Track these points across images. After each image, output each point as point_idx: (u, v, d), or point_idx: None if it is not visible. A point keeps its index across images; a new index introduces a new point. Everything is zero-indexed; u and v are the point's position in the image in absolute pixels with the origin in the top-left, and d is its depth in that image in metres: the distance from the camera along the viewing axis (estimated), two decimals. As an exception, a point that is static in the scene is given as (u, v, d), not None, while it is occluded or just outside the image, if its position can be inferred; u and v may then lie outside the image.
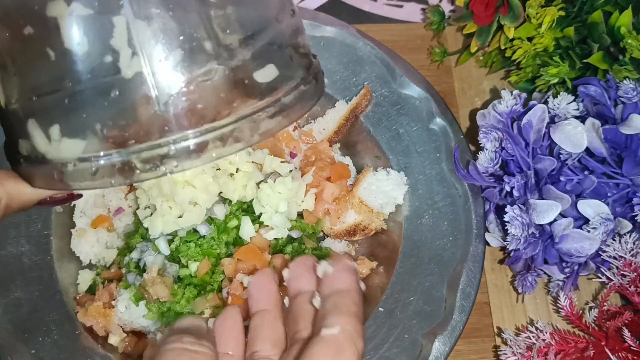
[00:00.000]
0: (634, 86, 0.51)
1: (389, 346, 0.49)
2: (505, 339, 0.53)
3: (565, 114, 0.52)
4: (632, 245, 0.50)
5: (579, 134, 0.49)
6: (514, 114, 0.53)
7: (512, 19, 0.57)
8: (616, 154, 0.51)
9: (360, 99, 0.57)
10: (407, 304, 0.50)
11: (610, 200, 0.50)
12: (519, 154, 0.52)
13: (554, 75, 0.56)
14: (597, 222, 0.49)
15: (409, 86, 0.58)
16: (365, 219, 0.54)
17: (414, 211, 0.55)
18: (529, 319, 0.56)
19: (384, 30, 0.68)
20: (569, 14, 0.56)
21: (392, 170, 0.56)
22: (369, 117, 0.58)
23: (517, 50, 0.58)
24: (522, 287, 0.54)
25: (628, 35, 0.51)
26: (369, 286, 0.54)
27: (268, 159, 0.53)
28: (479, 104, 0.65)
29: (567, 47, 0.56)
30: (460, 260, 0.52)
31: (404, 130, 0.57)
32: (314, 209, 0.54)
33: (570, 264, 0.51)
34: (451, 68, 0.67)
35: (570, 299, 0.52)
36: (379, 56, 0.58)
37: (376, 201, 0.55)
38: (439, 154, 0.56)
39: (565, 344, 0.51)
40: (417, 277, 0.52)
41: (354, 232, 0.55)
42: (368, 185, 0.55)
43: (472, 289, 0.51)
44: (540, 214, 0.49)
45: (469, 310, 0.50)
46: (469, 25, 0.62)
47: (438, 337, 0.49)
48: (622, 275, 0.50)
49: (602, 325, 0.51)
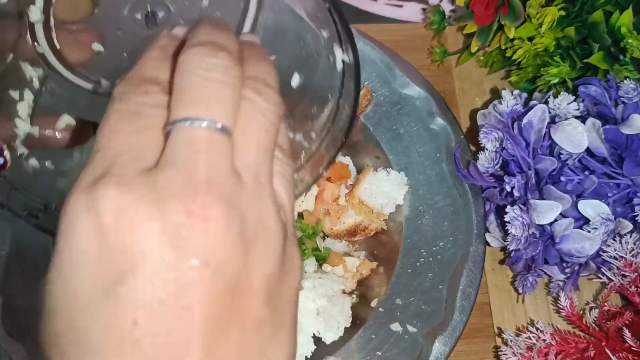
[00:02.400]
0: (634, 86, 0.50)
1: (389, 347, 0.49)
2: (506, 340, 0.53)
3: (565, 114, 0.52)
4: (632, 245, 0.50)
5: (579, 134, 0.49)
6: (514, 114, 0.53)
7: (512, 18, 0.57)
8: (617, 154, 0.51)
9: (360, 99, 0.57)
10: (407, 305, 0.50)
11: (611, 200, 0.50)
12: (519, 154, 0.51)
13: (555, 75, 0.56)
14: (597, 223, 0.49)
15: (409, 86, 0.58)
16: (366, 219, 0.54)
17: (414, 211, 0.54)
18: (529, 320, 0.56)
19: (384, 30, 0.68)
20: (570, 14, 0.56)
21: (392, 170, 0.55)
22: (369, 117, 0.58)
23: (517, 50, 0.57)
24: (522, 287, 0.53)
25: (629, 35, 0.51)
26: (369, 286, 0.54)
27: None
28: (480, 104, 0.65)
29: (567, 47, 0.56)
30: (460, 261, 0.52)
31: (404, 130, 0.57)
32: (314, 209, 0.54)
33: (571, 265, 0.51)
34: (451, 68, 0.67)
35: (571, 300, 0.52)
36: (379, 56, 0.58)
37: (376, 201, 0.54)
38: (440, 154, 0.56)
39: (566, 344, 0.51)
40: (417, 277, 0.52)
41: (354, 233, 0.55)
42: (368, 185, 0.55)
43: (472, 289, 0.51)
44: (540, 214, 0.49)
45: (469, 310, 0.50)
46: (470, 25, 0.62)
47: (438, 337, 0.49)
48: (622, 275, 0.50)
49: (603, 325, 0.51)
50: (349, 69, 0.34)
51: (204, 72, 0.24)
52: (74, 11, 0.37)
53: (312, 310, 0.49)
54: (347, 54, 0.34)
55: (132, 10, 0.37)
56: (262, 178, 0.25)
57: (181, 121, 0.24)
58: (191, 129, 0.23)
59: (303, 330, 0.49)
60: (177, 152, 0.23)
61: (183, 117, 0.24)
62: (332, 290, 0.51)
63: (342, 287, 0.53)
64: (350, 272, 0.54)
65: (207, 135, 0.23)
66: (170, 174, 0.23)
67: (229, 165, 0.24)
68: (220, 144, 0.24)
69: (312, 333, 0.49)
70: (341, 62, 0.34)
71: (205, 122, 0.23)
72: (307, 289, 0.49)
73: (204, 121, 0.23)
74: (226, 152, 0.24)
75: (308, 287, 0.49)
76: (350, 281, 0.54)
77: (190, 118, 0.24)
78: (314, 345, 0.49)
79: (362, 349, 0.49)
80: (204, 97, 0.24)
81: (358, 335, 0.50)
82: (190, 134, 0.23)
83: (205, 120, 0.23)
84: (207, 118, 0.24)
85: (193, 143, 0.23)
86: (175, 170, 0.23)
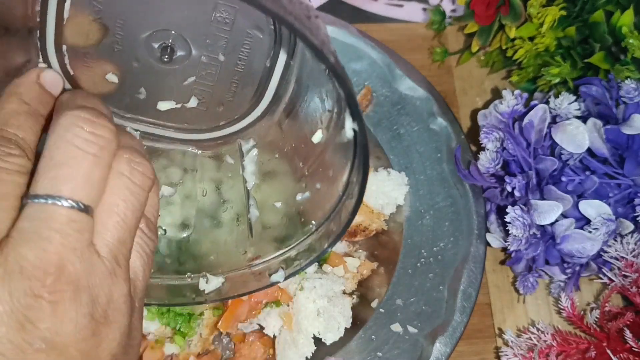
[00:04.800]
0: (635, 86, 0.50)
1: (390, 347, 0.49)
2: (507, 340, 0.53)
3: (566, 114, 0.52)
4: (633, 246, 0.49)
5: (580, 134, 0.49)
6: (515, 114, 0.53)
7: (513, 18, 0.57)
8: (618, 154, 0.51)
9: (360, 99, 0.57)
10: (408, 305, 0.50)
11: (612, 200, 0.50)
12: (520, 154, 0.51)
13: (556, 75, 0.56)
14: (598, 223, 0.48)
15: (409, 86, 0.58)
16: (366, 219, 0.54)
17: (414, 212, 0.54)
18: (530, 320, 0.56)
19: (385, 30, 0.68)
20: (571, 14, 0.56)
21: (392, 170, 0.55)
22: (370, 118, 0.58)
23: (518, 50, 0.57)
24: (523, 288, 0.53)
25: (630, 35, 0.51)
26: (370, 287, 0.54)
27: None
28: (480, 103, 0.65)
29: (568, 46, 0.56)
30: (461, 261, 0.52)
31: (404, 131, 0.57)
32: (315, 209, 0.54)
33: (572, 265, 0.51)
34: (452, 68, 0.67)
35: (572, 300, 0.52)
36: (380, 56, 0.58)
37: (377, 202, 0.54)
38: (440, 154, 0.56)
39: (567, 345, 0.51)
40: (417, 278, 0.51)
41: (354, 233, 0.54)
42: (368, 185, 0.54)
43: (473, 289, 0.51)
44: (541, 214, 0.49)
45: (470, 311, 0.50)
46: (470, 24, 0.62)
47: (439, 338, 0.49)
48: (623, 276, 0.50)
49: (604, 326, 0.51)
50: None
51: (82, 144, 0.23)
52: (86, 36, 0.36)
53: (313, 310, 0.49)
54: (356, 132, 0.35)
55: (151, 40, 0.37)
56: (120, 258, 0.25)
57: (43, 197, 0.23)
58: (52, 206, 0.23)
59: (303, 331, 0.49)
60: (33, 228, 0.22)
61: (46, 193, 0.23)
62: (332, 291, 0.51)
63: (342, 288, 0.52)
64: (350, 272, 0.54)
65: (68, 215, 0.23)
66: (23, 252, 0.22)
67: (85, 245, 0.23)
68: (80, 224, 0.23)
69: (312, 334, 0.49)
70: (351, 130, 0.35)
71: (68, 202, 0.23)
72: (307, 289, 0.49)
73: (67, 200, 0.23)
74: (84, 232, 0.23)
75: (308, 287, 0.49)
76: (350, 282, 0.54)
77: (53, 196, 0.23)
78: (314, 345, 0.49)
79: (363, 350, 0.49)
80: (73, 175, 0.23)
81: (358, 336, 0.50)
82: (50, 210, 0.23)
83: (69, 200, 0.23)
84: (71, 198, 0.23)
85: (51, 221, 0.22)
86: (29, 249, 0.22)
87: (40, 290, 0.22)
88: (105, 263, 0.24)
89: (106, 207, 0.24)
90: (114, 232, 0.24)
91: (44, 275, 0.22)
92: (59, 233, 0.22)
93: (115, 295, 0.24)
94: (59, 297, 0.22)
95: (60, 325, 0.22)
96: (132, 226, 0.25)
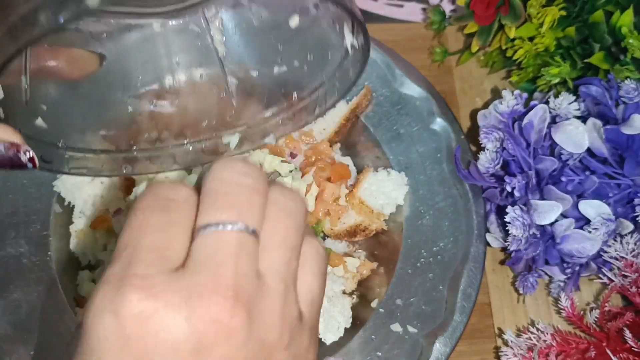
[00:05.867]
0: (635, 86, 0.50)
1: (389, 347, 0.49)
2: (506, 340, 0.53)
3: (566, 114, 0.52)
4: (633, 245, 0.49)
5: (580, 134, 0.49)
6: (515, 114, 0.53)
7: (513, 18, 0.57)
8: (617, 155, 0.51)
9: (360, 99, 0.57)
10: (408, 305, 0.50)
11: (612, 200, 0.50)
12: (520, 154, 0.51)
13: (555, 75, 0.56)
14: (598, 223, 0.49)
15: (409, 86, 0.57)
16: (366, 219, 0.54)
17: (414, 212, 0.54)
18: (530, 320, 0.56)
19: (384, 30, 0.68)
20: (570, 14, 0.56)
21: (392, 170, 0.55)
22: (370, 118, 0.58)
23: (518, 50, 0.57)
24: (523, 287, 0.53)
25: (629, 35, 0.51)
26: (370, 287, 0.54)
27: (269, 158, 0.53)
28: (480, 104, 0.65)
29: (568, 47, 0.56)
30: (461, 261, 0.52)
31: (404, 131, 0.57)
32: (314, 209, 0.54)
33: (572, 265, 0.51)
34: (452, 68, 0.67)
35: (572, 300, 0.52)
36: (379, 56, 0.58)
37: (377, 202, 0.54)
38: (440, 154, 0.56)
39: (567, 345, 0.51)
40: (417, 277, 0.51)
41: (354, 233, 0.54)
42: (368, 185, 0.55)
43: (473, 289, 0.51)
44: (541, 214, 0.49)
45: (469, 311, 0.50)
46: (470, 25, 0.62)
47: (439, 338, 0.49)
48: (623, 276, 0.50)
49: (604, 326, 0.51)
50: None
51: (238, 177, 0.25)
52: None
53: (312, 310, 0.49)
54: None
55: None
56: (288, 279, 0.25)
57: (213, 225, 0.24)
58: (222, 232, 0.24)
59: (303, 331, 0.49)
60: (207, 255, 0.24)
61: (215, 221, 0.24)
62: (332, 291, 0.51)
63: (342, 288, 0.52)
64: (350, 272, 0.54)
65: (237, 239, 0.24)
66: (200, 279, 0.23)
67: (254, 269, 0.24)
68: (249, 247, 0.24)
69: (312, 334, 0.49)
70: None
71: (237, 226, 0.24)
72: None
73: (235, 224, 0.24)
74: (253, 255, 0.24)
75: (308, 287, 0.49)
76: (350, 282, 0.54)
77: (222, 222, 0.24)
78: (314, 345, 0.49)
79: (363, 350, 0.49)
80: (238, 202, 0.25)
81: (358, 336, 0.50)
82: (221, 237, 0.24)
83: (237, 224, 0.24)
84: (239, 222, 0.24)
85: (224, 247, 0.24)
86: (205, 275, 0.23)
87: (220, 315, 0.22)
88: (273, 286, 0.25)
89: (269, 231, 0.25)
90: (280, 254, 0.25)
91: (224, 300, 0.22)
92: (231, 258, 0.23)
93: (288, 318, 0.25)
94: (237, 323, 0.23)
95: (235, 352, 0.23)
96: (296, 246, 0.26)
